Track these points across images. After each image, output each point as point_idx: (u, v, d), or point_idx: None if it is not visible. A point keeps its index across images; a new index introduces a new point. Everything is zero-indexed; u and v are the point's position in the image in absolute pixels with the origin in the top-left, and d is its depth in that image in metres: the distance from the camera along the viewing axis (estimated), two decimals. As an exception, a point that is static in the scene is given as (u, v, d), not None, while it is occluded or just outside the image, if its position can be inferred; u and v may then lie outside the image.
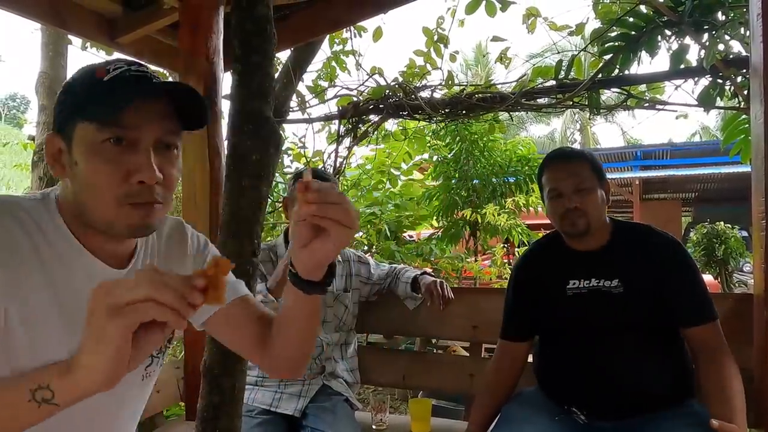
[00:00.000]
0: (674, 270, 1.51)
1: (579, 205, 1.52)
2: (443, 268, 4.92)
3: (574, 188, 1.54)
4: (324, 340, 1.91)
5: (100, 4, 2.26)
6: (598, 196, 1.55)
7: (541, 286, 1.64)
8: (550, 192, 1.59)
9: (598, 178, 1.58)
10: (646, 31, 2.37)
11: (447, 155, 5.90)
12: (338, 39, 3.80)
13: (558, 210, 1.57)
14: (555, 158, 1.63)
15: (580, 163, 1.57)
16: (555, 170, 1.60)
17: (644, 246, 1.55)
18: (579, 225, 1.53)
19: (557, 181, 1.57)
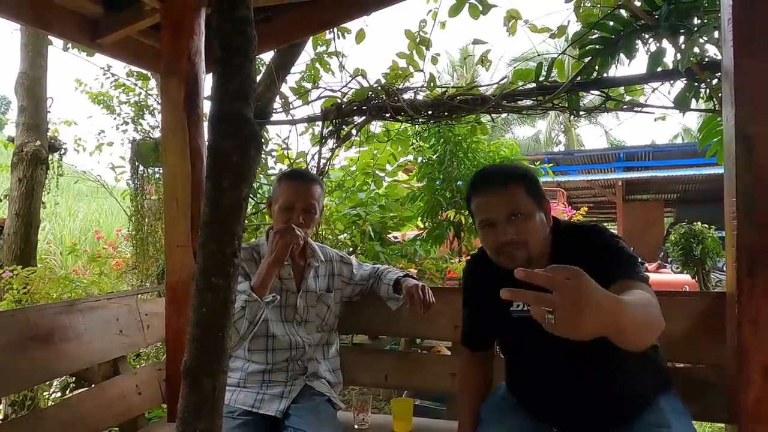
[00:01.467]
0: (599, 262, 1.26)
1: (515, 236, 1.35)
2: (427, 268, 4.94)
3: (508, 217, 1.36)
4: (306, 341, 1.91)
5: (81, 5, 2.24)
6: (536, 221, 1.38)
7: (487, 303, 1.50)
8: (480, 222, 1.42)
9: (536, 200, 1.41)
10: (624, 34, 2.41)
11: (431, 157, 5.93)
12: (322, 41, 3.81)
13: (491, 242, 1.41)
14: (483, 182, 1.44)
15: (513, 187, 1.39)
16: (485, 197, 1.42)
17: (578, 249, 1.37)
18: (518, 259, 1.36)
19: (488, 210, 1.40)
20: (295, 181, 1.85)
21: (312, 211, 1.83)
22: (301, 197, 1.81)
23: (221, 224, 1.08)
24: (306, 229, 1.81)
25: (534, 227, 1.37)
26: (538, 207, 1.40)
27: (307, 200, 1.82)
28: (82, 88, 5.49)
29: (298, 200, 1.81)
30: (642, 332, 1.05)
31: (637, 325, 1.02)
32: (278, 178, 1.92)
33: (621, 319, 0.94)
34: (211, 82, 1.22)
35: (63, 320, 1.88)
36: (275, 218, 1.84)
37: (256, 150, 1.13)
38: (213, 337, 1.06)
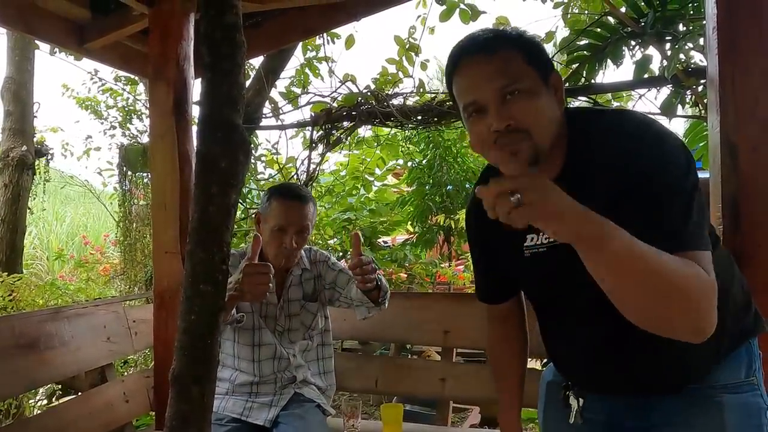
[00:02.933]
0: (636, 187, 0.94)
1: (513, 121, 0.95)
2: (417, 273, 4.94)
3: (501, 94, 0.96)
4: (289, 352, 1.88)
5: (68, 10, 2.23)
6: (542, 101, 0.98)
7: (497, 242, 1.19)
8: (465, 108, 1.01)
9: (540, 69, 0.99)
10: (611, 41, 2.43)
11: (421, 161, 5.95)
12: (311, 46, 3.81)
13: (482, 134, 0.99)
14: (465, 51, 1.01)
15: (506, 52, 0.98)
16: (467, 71, 1.00)
17: (608, 156, 0.98)
18: (522, 154, 0.97)
19: (473, 88, 0.99)
20: (288, 200, 1.75)
21: (305, 233, 1.78)
22: (294, 220, 1.74)
23: (210, 231, 1.07)
24: (297, 250, 1.78)
25: (538, 109, 0.97)
26: (543, 81, 0.99)
27: (301, 223, 1.75)
28: (69, 93, 5.45)
29: (292, 224, 1.74)
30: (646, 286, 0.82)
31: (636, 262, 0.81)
32: (269, 193, 1.80)
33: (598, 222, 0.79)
34: (199, 87, 1.22)
35: (49, 327, 1.86)
36: (266, 238, 1.75)
37: (245, 156, 1.13)
38: (201, 345, 1.05)
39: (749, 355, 1.08)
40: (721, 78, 1.42)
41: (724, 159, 1.42)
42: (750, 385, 1.06)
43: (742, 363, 1.07)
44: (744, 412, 1.04)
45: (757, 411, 1.05)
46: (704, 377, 1.06)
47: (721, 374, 1.06)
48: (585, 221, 0.80)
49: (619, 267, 0.82)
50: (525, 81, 0.96)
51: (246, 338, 1.86)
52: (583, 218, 0.80)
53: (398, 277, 4.80)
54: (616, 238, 0.81)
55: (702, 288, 0.85)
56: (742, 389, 1.06)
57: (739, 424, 1.03)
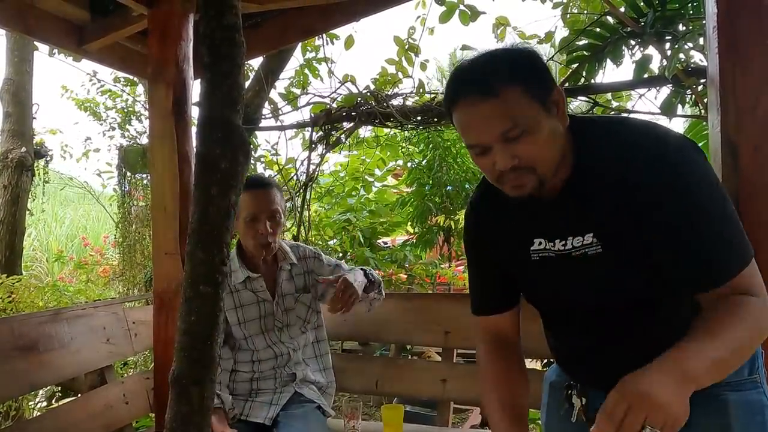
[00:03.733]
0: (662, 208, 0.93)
1: (518, 161, 0.96)
2: (417, 274, 4.94)
3: (503, 137, 0.95)
4: (290, 347, 1.89)
5: (67, 11, 2.22)
6: (544, 132, 0.96)
7: (501, 245, 1.16)
8: (471, 148, 1.02)
9: (540, 99, 0.97)
10: (611, 41, 2.44)
11: (420, 162, 5.95)
12: (311, 47, 3.81)
13: (489, 170, 1.01)
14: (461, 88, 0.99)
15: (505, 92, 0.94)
16: (466, 112, 0.98)
17: (624, 169, 0.96)
18: (526, 187, 0.99)
19: (475, 132, 0.98)
20: (253, 190, 1.78)
21: (277, 217, 1.80)
22: (263, 207, 1.77)
23: (210, 231, 1.07)
24: (273, 236, 1.79)
25: (540, 144, 0.96)
26: (543, 110, 0.97)
27: (270, 207, 1.78)
28: (68, 95, 5.45)
29: (262, 210, 1.77)
30: (732, 363, 0.92)
31: (723, 365, 0.89)
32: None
33: (693, 378, 0.85)
34: (199, 88, 1.21)
35: (48, 329, 1.86)
36: (241, 231, 1.81)
37: (245, 156, 1.13)
38: (201, 346, 1.05)
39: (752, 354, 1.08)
40: (722, 77, 1.41)
41: (725, 158, 1.41)
42: (753, 382, 1.07)
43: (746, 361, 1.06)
44: (748, 410, 1.05)
45: (761, 408, 1.06)
46: None
47: None
48: (692, 384, 0.85)
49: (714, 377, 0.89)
50: (526, 118, 0.95)
51: (243, 344, 1.87)
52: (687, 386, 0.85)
53: (398, 278, 4.80)
54: (704, 371, 0.86)
55: (760, 325, 0.92)
56: (745, 387, 1.06)
57: (744, 421, 1.04)
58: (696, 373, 0.85)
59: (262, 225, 1.77)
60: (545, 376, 1.37)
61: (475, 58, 1.02)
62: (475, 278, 1.29)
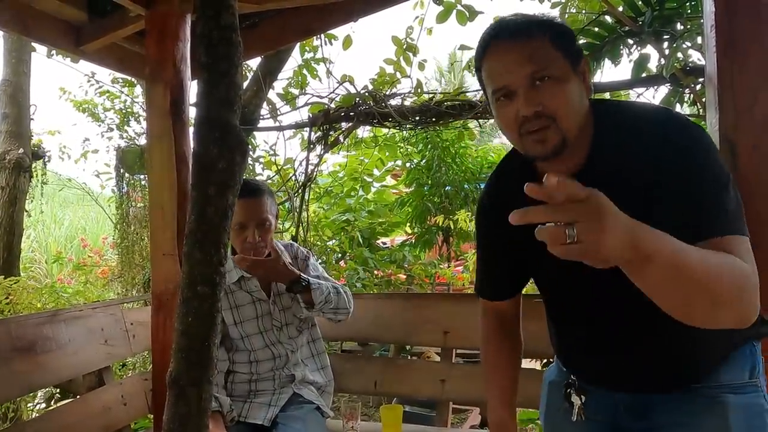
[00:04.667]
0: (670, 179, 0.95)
1: (541, 108, 0.96)
2: (416, 274, 4.94)
3: (531, 80, 0.96)
4: (288, 347, 1.88)
5: (65, 12, 2.22)
6: (570, 88, 0.97)
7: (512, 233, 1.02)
8: (495, 92, 1.01)
9: (570, 55, 0.99)
10: (609, 40, 2.44)
11: (419, 162, 5.95)
12: (309, 47, 3.81)
13: (510, 119, 1.00)
14: (495, 36, 1.01)
15: (536, 38, 0.98)
16: (497, 55, 1.00)
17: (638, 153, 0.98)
18: (549, 142, 0.97)
19: (503, 73, 0.99)
20: (243, 198, 1.72)
21: (266, 225, 1.78)
22: (252, 215, 1.76)
23: (207, 232, 1.06)
24: (263, 242, 1.77)
25: (566, 96, 0.97)
26: (572, 68, 0.98)
27: (260, 216, 1.77)
28: (66, 96, 5.44)
29: (251, 218, 1.76)
30: (690, 291, 0.81)
31: (680, 273, 0.79)
32: None
33: (644, 246, 0.76)
34: (196, 88, 1.21)
35: (46, 331, 1.85)
36: (232, 236, 1.79)
37: (242, 157, 1.12)
38: (199, 347, 1.05)
39: (753, 357, 1.09)
40: (720, 76, 1.41)
41: (724, 157, 1.41)
42: (753, 386, 1.07)
43: (746, 365, 1.07)
44: (748, 413, 1.05)
45: (761, 412, 1.06)
46: (709, 377, 1.06)
47: (725, 375, 1.06)
48: (636, 250, 0.76)
49: (664, 282, 0.80)
50: (555, 67, 0.96)
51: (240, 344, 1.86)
52: (633, 247, 0.76)
53: (397, 278, 4.80)
54: (661, 254, 0.78)
55: (743, 281, 0.86)
56: (745, 390, 1.06)
57: (744, 424, 1.04)
58: (646, 251, 0.77)
59: (250, 233, 1.76)
60: (545, 375, 1.37)
61: (507, 17, 1.05)
62: (482, 263, 1.31)
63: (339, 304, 1.87)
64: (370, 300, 2.52)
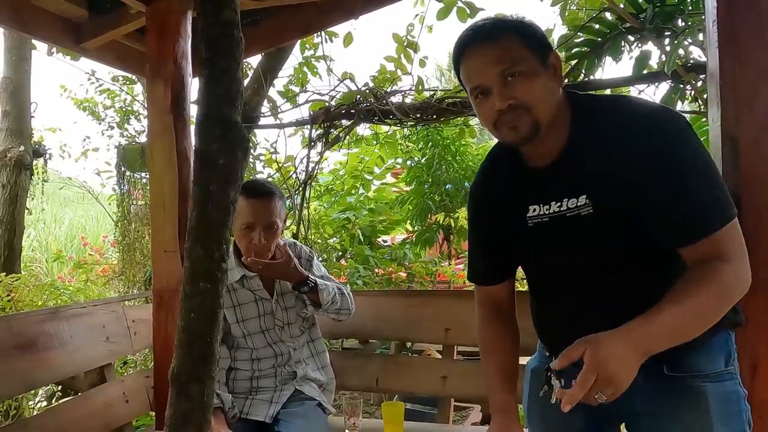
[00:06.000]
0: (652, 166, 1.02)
1: (515, 101, 1.06)
2: (417, 272, 4.94)
3: (503, 77, 1.07)
4: (290, 345, 1.89)
5: (65, 9, 2.21)
6: (540, 81, 1.08)
7: (500, 216, 1.25)
8: (472, 91, 1.12)
9: (538, 51, 1.09)
10: (610, 37, 2.43)
11: (420, 160, 5.94)
12: (309, 44, 3.81)
13: (488, 114, 1.11)
14: (468, 40, 1.12)
15: (506, 39, 1.08)
16: (471, 58, 1.11)
17: (615, 135, 1.07)
18: (522, 128, 1.08)
19: (477, 73, 1.10)
20: (252, 198, 1.75)
21: (273, 228, 1.77)
22: (260, 217, 1.74)
23: (209, 228, 1.06)
24: (268, 245, 1.76)
25: (537, 88, 1.07)
26: (541, 63, 1.09)
27: (268, 219, 1.75)
28: (67, 94, 5.44)
29: (258, 220, 1.74)
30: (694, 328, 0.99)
31: (683, 330, 0.98)
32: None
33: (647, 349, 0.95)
34: (197, 85, 1.21)
35: (47, 328, 1.85)
36: (236, 235, 1.79)
37: (244, 153, 1.12)
38: (201, 343, 1.05)
39: (727, 346, 1.14)
40: (722, 72, 1.41)
41: (725, 153, 1.41)
42: (729, 374, 1.12)
43: (722, 353, 1.13)
44: (725, 400, 1.10)
45: (737, 399, 1.12)
46: (686, 365, 1.11)
47: (703, 364, 1.11)
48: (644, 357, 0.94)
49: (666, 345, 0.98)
50: (524, 63, 1.07)
51: (242, 342, 1.87)
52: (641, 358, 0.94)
53: (398, 276, 4.80)
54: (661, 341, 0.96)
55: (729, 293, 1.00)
56: (722, 378, 1.11)
57: (722, 411, 1.09)
58: (655, 342, 0.95)
59: (256, 235, 1.74)
60: (527, 364, 1.39)
61: (479, 21, 1.16)
62: (474, 247, 1.37)
63: (343, 305, 1.89)
64: (371, 297, 2.52)
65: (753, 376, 1.38)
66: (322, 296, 1.80)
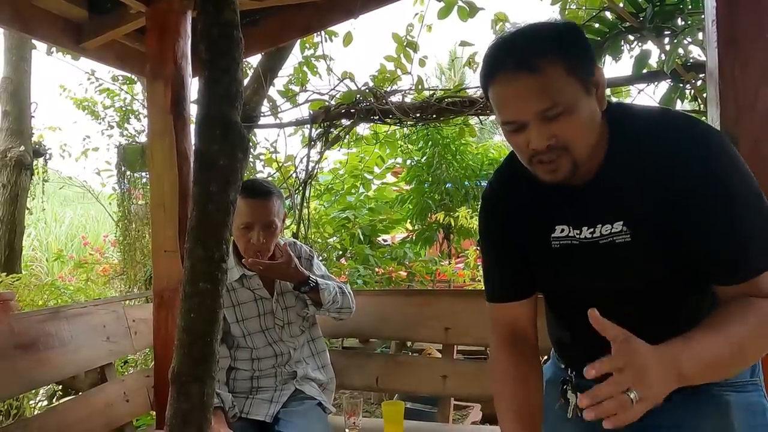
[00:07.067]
0: (698, 198, 0.92)
1: (555, 141, 0.94)
2: (417, 271, 4.94)
3: (542, 115, 0.92)
4: (290, 345, 1.89)
5: (65, 9, 2.21)
6: (583, 113, 0.94)
7: (519, 229, 1.13)
8: (505, 124, 0.98)
9: (582, 78, 0.93)
10: (609, 36, 2.43)
11: (420, 159, 5.95)
12: (309, 44, 3.81)
13: (521, 148, 0.98)
14: (502, 62, 0.95)
15: (548, 69, 0.91)
16: (505, 86, 0.95)
17: (659, 158, 0.95)
18: (560, 171, 0.96)
19: (511, 109, 0.96)
20: (250, 198, 1.74)
21: (272, 228, 1.76)
22: (258, 216, 1.74)
23: (209, 228, 1.07)
24: (267, 245, 1.76)
25: (579, 124, 0.94)
26: (584, 90, 0.94)
27: (266, 218, 1.74)
28: (66, 94, 5.44)
29: (257, 220, 1.73)
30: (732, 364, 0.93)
31: (721, 365, 0.90)
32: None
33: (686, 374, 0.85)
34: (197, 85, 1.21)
35: (48, 327, 1.85)
36: (235, 235, 1.78)
37: (244, 153, 1.12)
38: (201, 343, 1.05)
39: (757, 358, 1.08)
40: (721, 71, 1.41)
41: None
42: (754, 384, 1.08)
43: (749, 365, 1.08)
44: (749, 411, 1.06)
45: (762, 410, 1.07)
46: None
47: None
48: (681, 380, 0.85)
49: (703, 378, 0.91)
50: (566, 98, 0.92)
51: (242, 341, 1.86)
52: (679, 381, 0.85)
53: (398, 276, 4.80)
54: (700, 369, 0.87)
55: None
56: (747, 389, 1.07)
57: (746, 422, 1.04)
58: (689, 374, 0.86)
59: (255, 235, 1.74)
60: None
61: (517, 30, 0.98)
62: (490, 265, 1.22)
63: (344, 304, 1.89)
64: (371, 297, 2.53)
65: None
66: (324, 296, 1.80)
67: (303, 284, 1.80)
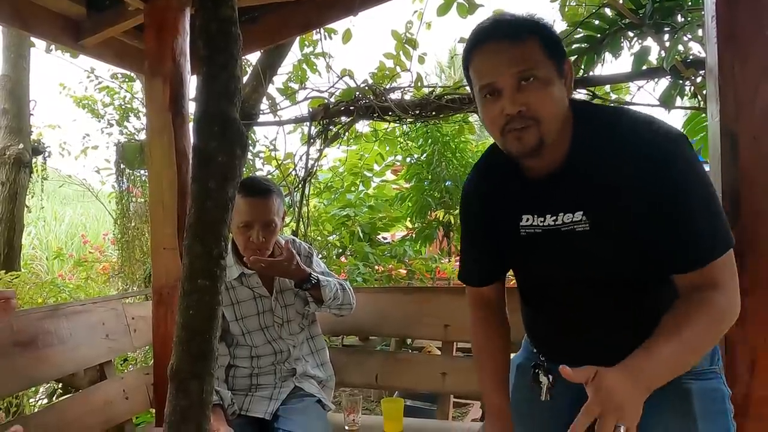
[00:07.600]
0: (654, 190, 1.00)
1: (526, 108, 1.01)
2: (417, 269, 4.94)
3: (518, 80, 1.00)
4: (289, 343, 1.89)
5: (63, 6, 2.21)
6: (554, 91, 1.03)
7: (492, 220, 1.22)
8: (482, 89, 1.05)
9: (556, 58, 1.04)
10: (609, 32, 2.43)
11: (419, 157, 5.94)
12: (308, 41, 3.80)
13: (494, 116, 1.04)
14: (486, 33, 1.06)
15: (526, 40, 1.02)
16: (488, 53, 1.04)
17: (619, 154, 1.03)
18: (527, 141, 1.03)
19: (492, 70, 1.03)
20: (250, 197, 1.73)
21: (272, 227, 1.75)
22: (258, 215, 1.73)
23: (207, 225, 1.06)
24: (266, 244, 1.75)
25: (549, 99, 1.02)
26: (557, 73, 1.03)
27: (266, 217, 1.73)
28: (66, 92, 5.43)
29: (256, 219, 1.73)
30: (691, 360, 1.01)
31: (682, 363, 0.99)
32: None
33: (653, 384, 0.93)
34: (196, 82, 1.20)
35: (47, 325, 1.86)
36: (234, 233, 1.77)
37: (242, 150, 1.12)
38: (200, 340, 1.05)
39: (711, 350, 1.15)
40: (721, 67, 1.41)
41: (724, 149, 1.41)
42: (713, 372, 1.13)
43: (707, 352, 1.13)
44: (710, 398, 1.11)
45: (722, 397, 1.13)
46: None
47: None
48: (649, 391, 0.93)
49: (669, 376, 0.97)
50: (542, 69, 1.01)
51: (241, 339, 1.86)
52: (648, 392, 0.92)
53: (398, 273, 4.81)
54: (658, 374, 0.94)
55: (720, 322, 1.00)
56: (707, 376, 1.12)
57: (706, 408, 1.10)
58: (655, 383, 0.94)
59: (254, 233, 1.73)
60: (512, 359, 1.39)
61: (500, 15, 1.10)
62: (467, 249, 1.35)
63: (344, 300, 1.89)
64: (370, 294, 2.53)
65: (751, 373, 1.38)
66: (325, 293, 1.80)
67: (304, 281, 1.79)
